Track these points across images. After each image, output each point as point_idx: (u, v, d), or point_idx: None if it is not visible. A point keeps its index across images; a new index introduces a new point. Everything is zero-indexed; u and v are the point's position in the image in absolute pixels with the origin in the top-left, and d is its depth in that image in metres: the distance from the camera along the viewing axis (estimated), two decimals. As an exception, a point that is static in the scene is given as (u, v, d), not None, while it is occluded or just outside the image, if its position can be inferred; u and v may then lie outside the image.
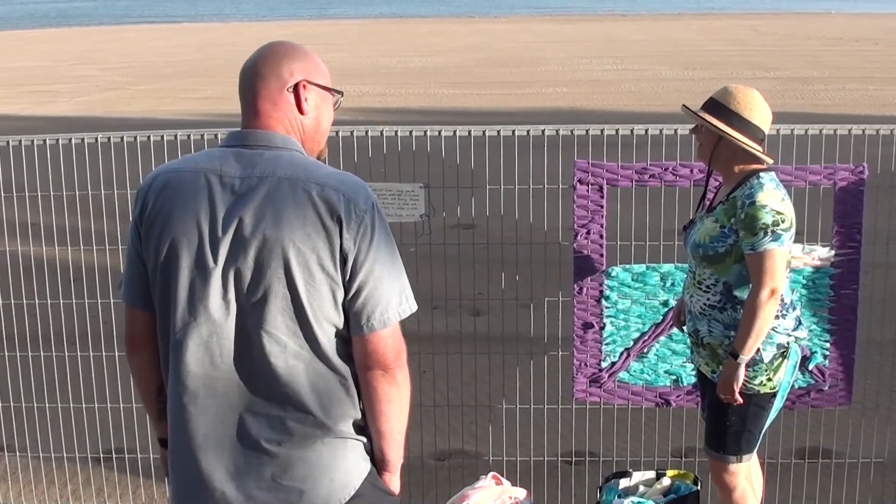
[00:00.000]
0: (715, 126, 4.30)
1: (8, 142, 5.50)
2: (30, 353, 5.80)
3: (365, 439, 2.93)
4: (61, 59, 35.52)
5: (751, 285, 4.26)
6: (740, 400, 4.35)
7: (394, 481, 3.03)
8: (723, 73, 26.47)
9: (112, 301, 5.71)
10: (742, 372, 4.29)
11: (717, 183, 4.64)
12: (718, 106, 4.34)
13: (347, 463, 2.87)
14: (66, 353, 5.78)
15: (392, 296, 2.82)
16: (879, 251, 5.52)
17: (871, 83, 24.42)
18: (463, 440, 6.06)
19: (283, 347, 2.78)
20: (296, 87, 2.91)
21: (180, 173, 2.86)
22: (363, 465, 2.91)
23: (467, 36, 43.88)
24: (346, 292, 2.79)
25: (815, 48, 34.83)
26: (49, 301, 5.71)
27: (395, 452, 2.97)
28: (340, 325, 2.82)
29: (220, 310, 2.79)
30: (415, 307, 2.88)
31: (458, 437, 6.06)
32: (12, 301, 5.81)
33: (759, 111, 4.34)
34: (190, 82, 27.39)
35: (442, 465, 5.91)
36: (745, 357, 4.26)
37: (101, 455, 5.96)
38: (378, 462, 2.97)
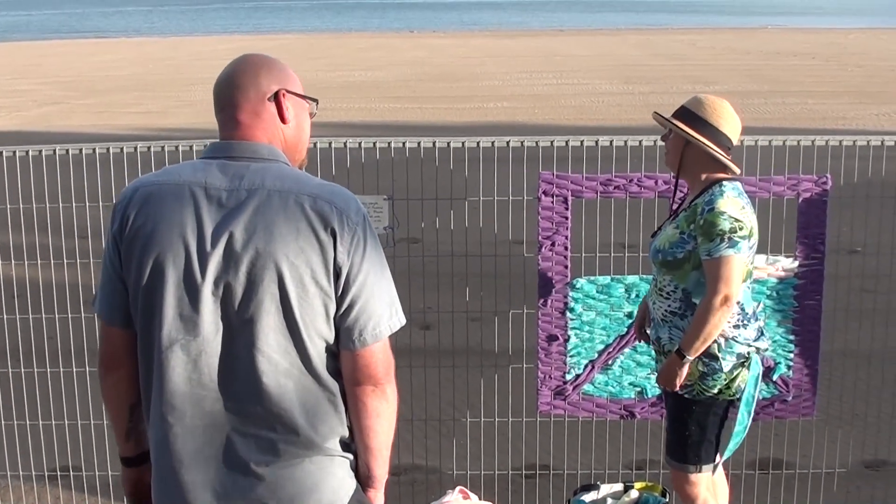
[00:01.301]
0: (682, 130, 4.33)
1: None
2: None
3: (351, 456, 2.87)
4: (-4, 74, 34.98)
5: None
6: (677, 387, 4.35)
7: (378, 497, 2.97)
8: (662, 87, 26.69)
9: (57, 316, 5.60)
10: (685, 370, 4.32)
11: (682, 193, 4.65)
12: (688, 113, 4.39)
13: (335, 481, 2.80)
14: (10, 370, 5.65)
15: (383, 309, 2.76)
16: (843, 262, 5.55)
17: (810, 97, 24.75)
18: (426, 455, 5.98)
19: (275, 366, 2.70)
20: (276, 97, 2.86)
21: (162, 186, 2.77)
22: (349, 483, 2.85)
23: (407, 51, 43.84)
24: (339, 306, 2.72)
25: (754, 62, 35.22)
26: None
27: (381, 468, 2.91)
28: (331, 339, 2.75)
29: (210, 327, 2.70)
30: (404, 320, 2.83)
31: (414, 452, 5.97)
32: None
33: (727, 120, 4.36)
34: (130, 97, 27.08)
35: (396, 481, 5.83)
36: (690, 358, 4.28)
37: (58, 473, 5.83)
38: (363, 478, 2.91)
